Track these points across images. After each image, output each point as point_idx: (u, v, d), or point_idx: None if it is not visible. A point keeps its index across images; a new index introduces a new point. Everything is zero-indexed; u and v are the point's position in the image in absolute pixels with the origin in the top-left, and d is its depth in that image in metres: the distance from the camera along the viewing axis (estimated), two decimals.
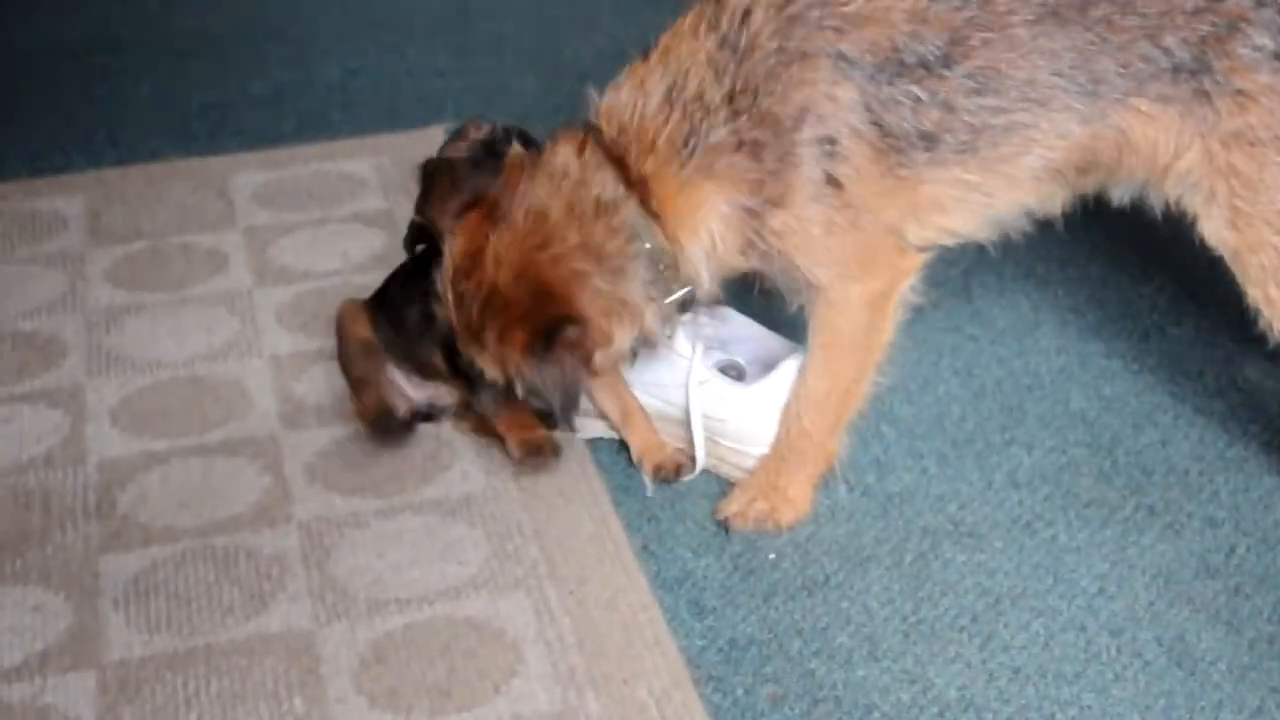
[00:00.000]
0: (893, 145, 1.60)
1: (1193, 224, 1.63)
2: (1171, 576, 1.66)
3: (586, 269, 1.62)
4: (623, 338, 1.67)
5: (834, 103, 1.58)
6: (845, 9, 1.58)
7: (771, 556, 1.71)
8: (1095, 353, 2.01)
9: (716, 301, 1.83)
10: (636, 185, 1.61)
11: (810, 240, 1.64)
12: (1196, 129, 1.56)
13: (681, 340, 1.83)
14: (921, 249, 1.71)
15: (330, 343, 2.02)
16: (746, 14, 1.59)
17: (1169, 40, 1.55)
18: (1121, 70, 1.56)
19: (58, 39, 2.91)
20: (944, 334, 2.06)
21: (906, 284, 1.71)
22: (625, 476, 1.83)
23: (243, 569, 1.69)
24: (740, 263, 1.68)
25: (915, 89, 1.58)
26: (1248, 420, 1.88)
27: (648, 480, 1.82)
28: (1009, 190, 1.66)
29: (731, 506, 1.76)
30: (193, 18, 2.99)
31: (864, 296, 1.69)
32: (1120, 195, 1.71)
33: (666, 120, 1.60)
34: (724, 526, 1.75)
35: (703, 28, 1.60)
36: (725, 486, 1.80)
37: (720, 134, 1.59)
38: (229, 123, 2.61)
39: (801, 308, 1.73)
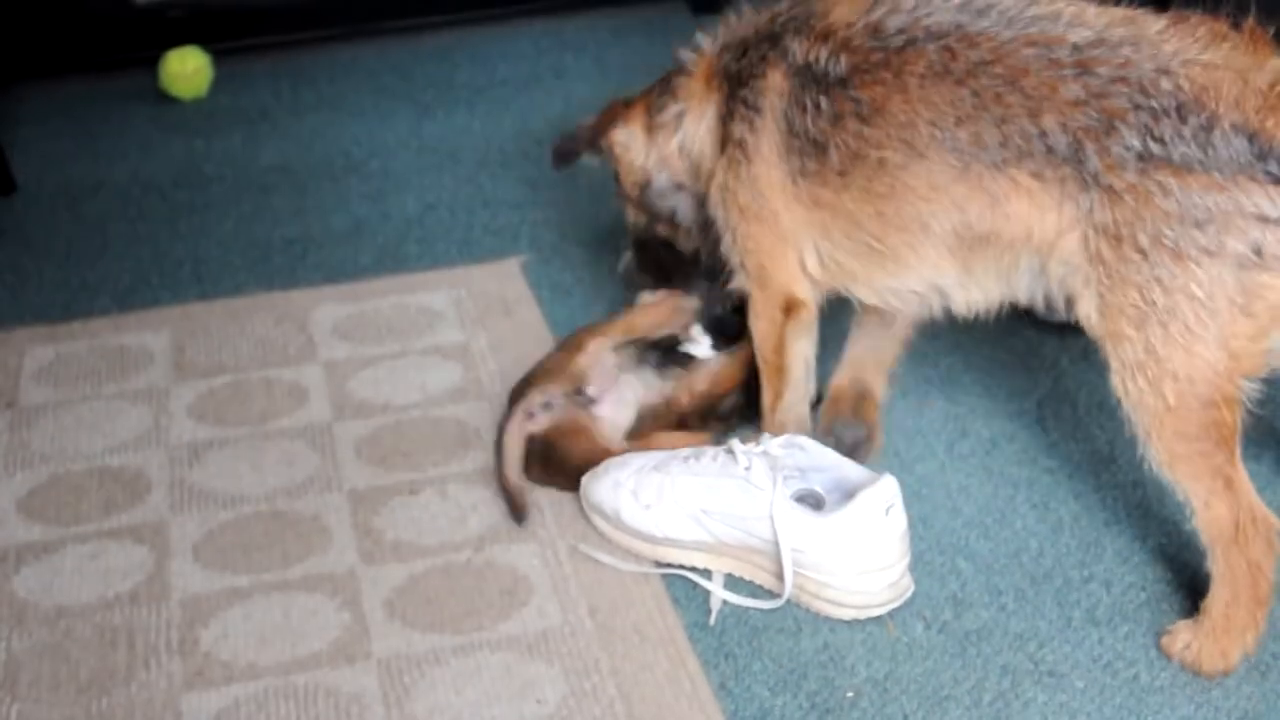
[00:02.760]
0: (793, 147, 1.84)
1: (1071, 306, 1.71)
2: (1259, 719, 1.63)
3: (643, 101, 2.09)
4: (639, 144, 2.07)
5: (766, 81, 1.86)
6: (818, 21, 1.85)
7: (850, 695, 1.70)
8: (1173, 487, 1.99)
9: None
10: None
11: (723, 202, 1.93)
12: (1075, 213, 1.65)
13: (760, 472, 1.84)
14: (826, 290, 1.93)
15: (408, 475, 2.06)
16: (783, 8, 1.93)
17: (1048, 123, 1.65)
18: (1001, 141, 1.68)
19: (147, 176, 2.99)
20: (1019, 467, 2.05)
21: (799, 319, 1.95)
22: (701, 613, 1.83)
23: (322, 707, 1.70)
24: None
25: (819, 97, 1.81)
26: None
27: (713, 608, 1.83)
28: (896, 237, 1.80)
29: None
30: (275, 154, 3.07)
31: (763, 306, 1.96)
32: (1029, 291, 1.78)
33: (730, 39, 1.96)
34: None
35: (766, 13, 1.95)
36: (804, 619, 1.80)
37: (730, 59, 1.93)
38: (310, 256, 2.67)
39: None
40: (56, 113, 3.29)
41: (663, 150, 2.05)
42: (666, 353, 2.11)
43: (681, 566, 1.89)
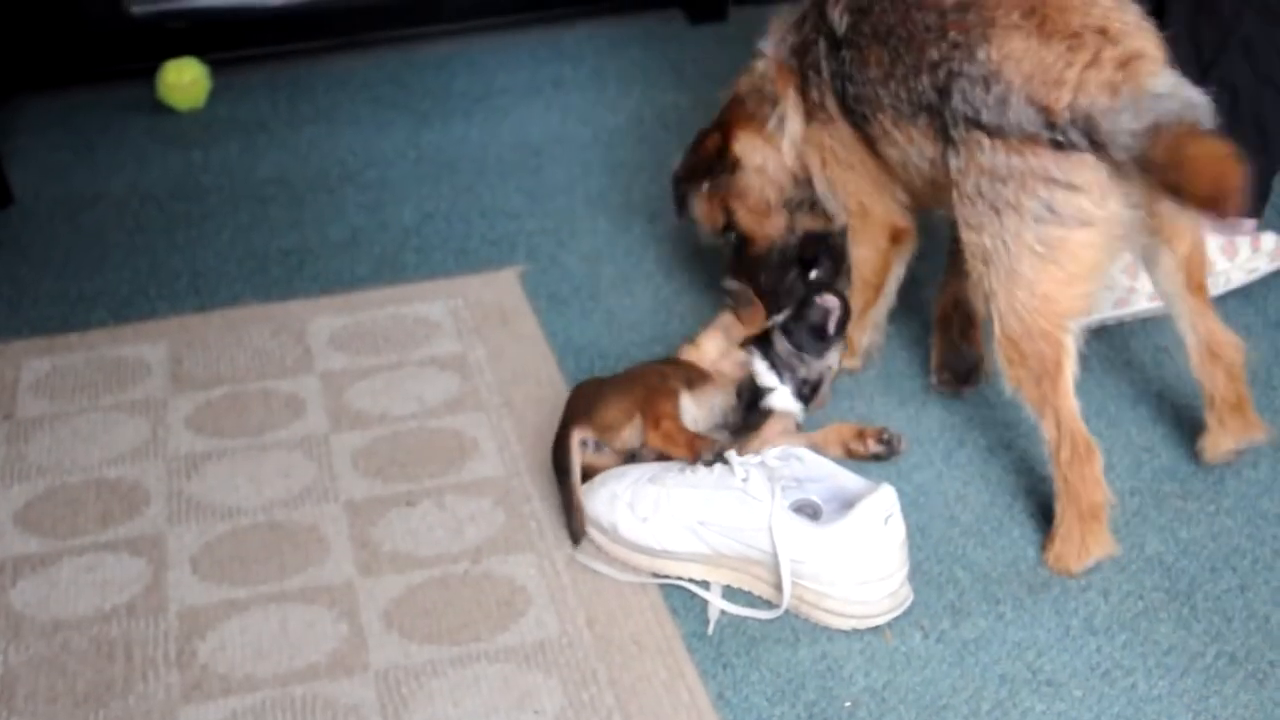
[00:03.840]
0: (844, 100, 2.04)
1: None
2: None
3: (744, 113, 2.21)
4: (757, 152, 2.19)
5: (815, 45, 2.06)
6: None
7: (848, 704, 1.70)
8: (1170, 494, 2.00)
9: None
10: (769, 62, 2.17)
11: (831, 173, 2.12)
12: (946, 162, 1.87)
13: (757, 483, 1.84)
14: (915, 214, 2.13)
15: (405, 486, 2.06)
16: None
17: (925, 81, 1.88)
18: (906, 94, 1.91)
19: (144, 187, 2.99)
20: (1016, 475, 2.05)
21: (900, 247, 2.15)
22: (699, 623, 1.83)
23: (320, 719, 1.70)
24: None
25: (833, 56, 2.03)
26: None
27: (711, 619, 1.83)
28: (911, 171, 2.00)
29: None
30: (272, 165, 3.06)
31: (865, 237, 2.14)
32: None
33: (786, 24, 2.14)
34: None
35: None
36: (802, 629, 1.80)
37: (792, 38, 2.11)
38: (307, 267, 2.67)
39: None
40: (54, 124, 3.29)
41: (783, 153, 2.17)
42: (748, 409, 2.04)
43: (679, 578, 1.88)
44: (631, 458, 1.98)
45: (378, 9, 3.53)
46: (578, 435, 1.95)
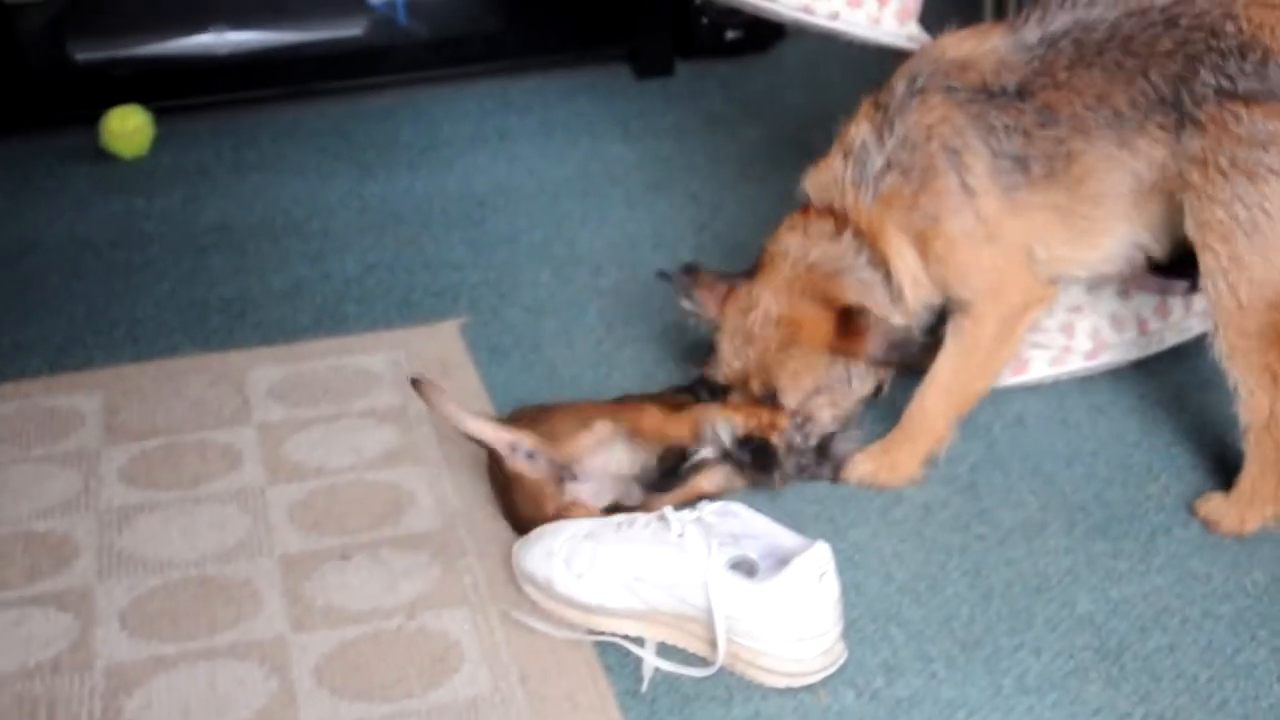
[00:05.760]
0: (1001, 167, 2.00)
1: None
2: None
3: (841, 282, 2.08)
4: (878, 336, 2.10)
5: (950, 123, 2.01)
6: (952, 58, 2.04)
7: None
8: (1102, 553, 2.01)
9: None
10: (846, 222, 2.08)
11: (961, 258, 2.05)
12: (1179, 148, 1.92)
13: (693, 539, 1.84)
14: (1053, 278, 2.09)
15: (341, 540, 2.05)
16: (893, 85, 2.07)
17: (1155, 77, 1.93)
18: (1131, 103, 1.94)
19: (84, 235, 2.96)
20: (951, 533, 2.06)
21: (1038, 310, 2.10)
22: (633, 680, 1.82)
23: None
24: (936, 284, 2.09)
25: (1003, 117, 2.00)
26: (1256, 625, 1.87)
27: (645, 676, 1.82)
28: (1099, 210, 2.01)
29: (852, 470, 2.15)
30: (215, 213, 3.05)
31: (999, 315, 2.08)
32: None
33: (845, 169, 2.07)
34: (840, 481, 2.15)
35: (866, 107, 2.09)
36: (736, 687, 1.80)
37: (877, 162, 2.05)
38: (248, 317, 2.66)
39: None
40: None
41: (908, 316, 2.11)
42: (667, 475, 2.06)
43: (614, 634, 1.88)
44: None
45: (324, 58, 3.53)
46: (510, 442, 2.02)
